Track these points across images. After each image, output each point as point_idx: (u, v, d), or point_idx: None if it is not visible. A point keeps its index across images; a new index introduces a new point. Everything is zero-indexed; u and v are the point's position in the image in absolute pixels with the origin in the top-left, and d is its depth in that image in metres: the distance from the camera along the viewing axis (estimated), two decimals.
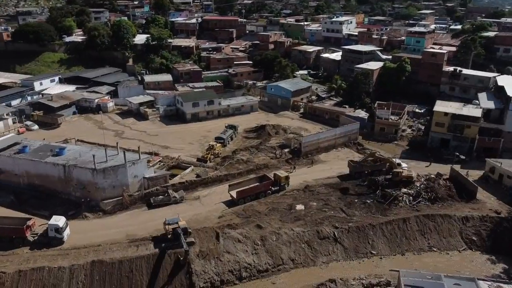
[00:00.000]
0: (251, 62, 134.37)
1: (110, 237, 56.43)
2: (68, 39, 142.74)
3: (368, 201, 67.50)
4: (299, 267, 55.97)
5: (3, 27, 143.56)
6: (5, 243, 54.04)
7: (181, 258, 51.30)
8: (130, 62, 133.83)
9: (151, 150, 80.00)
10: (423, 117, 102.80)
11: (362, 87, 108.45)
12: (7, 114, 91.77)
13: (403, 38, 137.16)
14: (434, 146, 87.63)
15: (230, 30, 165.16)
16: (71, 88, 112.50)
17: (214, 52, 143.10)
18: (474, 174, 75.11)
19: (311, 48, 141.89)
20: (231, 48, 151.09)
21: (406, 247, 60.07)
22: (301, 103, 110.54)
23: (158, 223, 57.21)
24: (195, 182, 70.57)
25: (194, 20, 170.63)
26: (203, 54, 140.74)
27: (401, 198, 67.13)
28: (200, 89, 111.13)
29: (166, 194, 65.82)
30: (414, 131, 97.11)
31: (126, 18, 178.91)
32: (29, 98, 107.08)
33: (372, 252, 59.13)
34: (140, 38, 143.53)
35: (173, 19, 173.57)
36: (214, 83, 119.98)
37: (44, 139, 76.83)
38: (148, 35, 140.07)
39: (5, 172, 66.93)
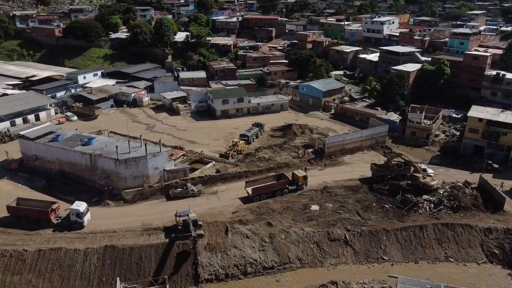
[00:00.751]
0: (287, 61, 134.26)
1: (127, 224, 59.19)
2: (113, 35, 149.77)
3: (387, 206, 65.95)
4: (306, 267, 55.83)
5: (56, 24, 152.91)
6: (32, 224, 58.29)
7: (190, 246, 52.81)
8: (169, 58, 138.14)
9: (176, 144, 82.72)
10: (459, 123, 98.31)
11: (396, 89, 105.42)
12: (50, 105, 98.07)
13: (447, 39, 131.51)
14: (467, 153, 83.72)
15: (270, 29, 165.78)
16: (111, 82, 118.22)
17: (251, 51, 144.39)
18: (507, 185, 71.09)
19: (348, 48, 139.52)
20: (268, 47, 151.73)
21: (421, 255, 58.10)
22: (332, 104, 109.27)
23: (174, 215, 59.10)
24: (214, 177, 72.14)
25: (234, 19, 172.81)
26: (240, 52, 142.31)
27: (421, 204, 64.97)
28: (232, 87, 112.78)
29: (184, 187, 67.85)
30: (448, 137, 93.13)
31: (171, 16, 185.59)
32: (72, 90, 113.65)
33: (384, 257, 57.76)
34: (181, 36, 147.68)
35: (214, 18, 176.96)
36: (247, 81, 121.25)
37: (76, 129, 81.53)
38: (188, 33, 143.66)
39: (40, 159, 71.91)
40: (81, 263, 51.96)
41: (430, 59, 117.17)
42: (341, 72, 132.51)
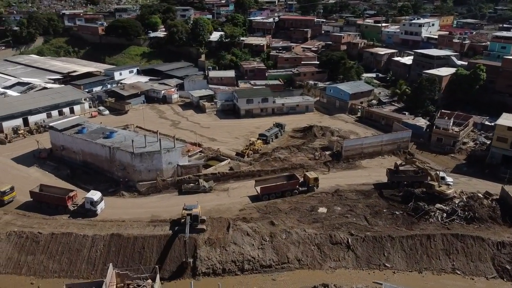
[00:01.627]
0: (318, 62, 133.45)
1: (137, 215, 61.97)
2: (152, 34, 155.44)
3: (397, 213, 64.52)
4: (304, 268, 55.87)
5: (99, 22, 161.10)
6: (51, 209, 62.48)
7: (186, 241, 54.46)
8: (203, 57, 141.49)
9: (195, 141, 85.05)
10: (492, 131, 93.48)
11: (426, 94, 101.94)
12: (84, 99, 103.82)
13: (488, 43, 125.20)
14: (494, 163, 79.65)
15: (305, 29, 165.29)
16: (144, 79, 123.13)
17: (283, 51, 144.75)
18: None
19: (383, 51, 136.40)
20: (302, 47, 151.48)
21: (426, 265, 56.36)
22: (359, 107, 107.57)
23: (178, 208, 61.04)
24: (227, 175, 73.64)
25: (271, 19, 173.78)
26: (273, 53, 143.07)
27: (433, 213, 62.95)
28: (259, 87, 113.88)
29: (196, 183, 69.82)
30: (477, 145, 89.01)
31: (210, 16, 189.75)
32: (108, 86, 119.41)
33: (386, 264, 56.61)
34: (216, 36, 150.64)
35: (252, 18, 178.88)
36: (276, 82, 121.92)
37: (101, 122, 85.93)
38: (222, 33, 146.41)
39: (66, 149, 76.68)
40: (88, 249, 55.18)
41: (466, 63, 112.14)
42: (373, 75, 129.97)
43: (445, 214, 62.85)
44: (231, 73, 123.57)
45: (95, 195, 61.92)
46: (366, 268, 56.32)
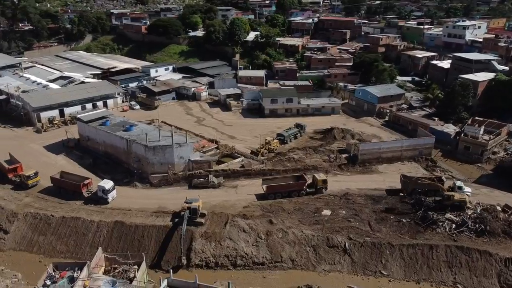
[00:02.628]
0: (351, 64, 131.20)
1: (145, 205, 64.77)
2: (192, 33, 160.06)
3: (404, 220, 62.52)
4: (297, 269, 55.80)
5: (144, 22, 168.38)
6: (68, 195, 66.92)
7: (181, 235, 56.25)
8: (237, 57, 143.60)
9: (213, 138, 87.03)
10: None
11: (459, 100, 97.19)
12: (118, 94, 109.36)
13: None
14: None
15: (344, 31, 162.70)
16: (178, 76, 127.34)
17: (318, 52, 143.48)
18: None
19: (421, 54, 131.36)
20: (338, 49, 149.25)
21: (425, 276, 54.30)
22: (387, 110, 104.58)
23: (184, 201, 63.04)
24: (237, 172, 74.78)
25: (310, 20, 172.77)
26: (307, 53, 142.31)
27: (441, 223, 60.35)
28: (287, 87, 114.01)
29: (206, 178, 71.63)
30: (509, 155, 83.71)
31: (252, 16, 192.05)
32: (144, 82, 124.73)
33: (383, 272, 55.15)
34: (253, 35, 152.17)
35: (291, 19, 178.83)
36: (305, 83, 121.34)
37: (124, 116, 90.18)
38: (257, 33, 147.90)
39: (91, 140, 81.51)
40: (93, 233, 58.67)
41: (508, 68, 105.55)
42: (409, 78, 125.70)
43: (454, 225, 60.06)
44: (260, 73, 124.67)
45: (107, 184, 65.49)
46: (361, 274, 55.24)
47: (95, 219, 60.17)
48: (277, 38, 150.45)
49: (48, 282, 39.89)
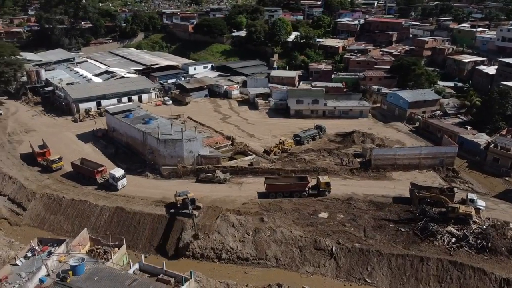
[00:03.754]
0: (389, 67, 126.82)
1: (150, 195, 68.24)
2: (236, 33, 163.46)
3: (403, 230, 60.27)
4: (281, 268, 55.99)
5: (192, 21, 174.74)
6: (85, 180, 72.37)
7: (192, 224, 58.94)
8: (275, 57, 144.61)
9: (232, 135, 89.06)
10: None
11: (496, 108, 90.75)
12: (153, 89, 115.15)
13: None
14: None
15: (390, 33, 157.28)
16: (213, 74, 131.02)
17: (359, 54, 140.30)
18: None
19: (467, 58, 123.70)
20: (381, 51, 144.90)
21: None
22: (418, 117, 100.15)
23: (197, 194, 65.15)
24: (245, 169, 76.03)
25: (356, 21, 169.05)
26: (347, 55, 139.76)
27: (440, 236, 57.36)
28: (316, 88, 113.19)
29: (213, 173, 73.77)
30: None
31: (301, 17, 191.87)
32: (182, 79, 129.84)
33: (367, 280, 53.69)
34: (294, 36, 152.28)
35: (337, 20, 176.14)
36: (339, 85, 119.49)
37: (147, 110, 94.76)
38: (297, 33, 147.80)
39: (115, 131, 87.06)
40: (96, 217, 63.09)
41: None
42: (451, 84, 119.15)
43: (454, 239, 56.82)
44: (292, 73, 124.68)
45: (117, 172, 69.92)
46: (345, 280, 54.20)
47: (100, 203, 64.67)
48: (318, 39, 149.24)
49: (29, 254, 44.11)
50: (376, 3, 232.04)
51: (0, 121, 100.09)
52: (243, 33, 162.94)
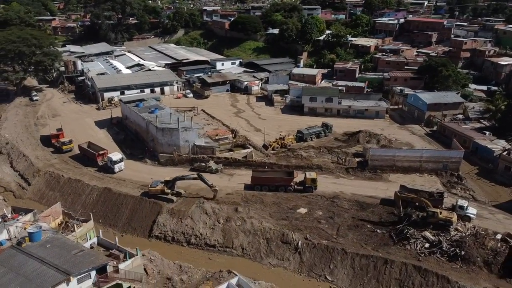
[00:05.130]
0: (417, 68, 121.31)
1: (143, 179, 71.54)
2: (270, 31, 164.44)
3: (379, 231, 58.44)
4: (245, 258, 56.62)
5: (230, 18, 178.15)
6: (89, 162, 77.46)
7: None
8: (304, 55, 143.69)
9: (235, 128, 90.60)
10: None
11: None
12: (176, 82, 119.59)
13: None
14: None
15: (430, 33, 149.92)
16: (239, 70, 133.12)
17: (391, 54, 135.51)
18: None
19: (506, 61, 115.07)
20: (417, 52, 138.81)
21: None
22: (437, 119, 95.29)
23: (184, 182, 67.76)
24: (238, 161, 77.22)
25: (394, 21, 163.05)
26: (378, 55, 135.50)
27: (414, 240, 54.90)
28: (335, 87, 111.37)
29: (206, 163, 75.76)
30: None
31: (343, 16, 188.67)
32: (209, 73, 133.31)
33: (328, 277, 52.77)
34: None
35: (377, 19, 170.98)
36: (360, 84, 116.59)
37: (159, 100, 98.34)
38: (329, 32, 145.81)
39: (127, 119, 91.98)
40: (86, 195, 67.55)
41: None
42: (484, 88, 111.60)
43: (428, 244, 54.10)
44: (313, 71, 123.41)
45: (115, 156, 74.21)
46: (305, 275, 53.72)
47: (91, 183, 69.11)
48: (351, 38, 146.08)
49: (0, 221, 48.79)
50: (426, 3, 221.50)
51: (34, 105, 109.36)
52: (276, 31, 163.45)
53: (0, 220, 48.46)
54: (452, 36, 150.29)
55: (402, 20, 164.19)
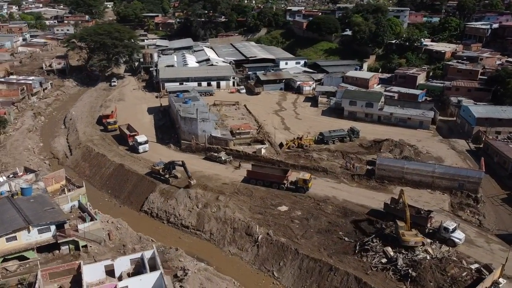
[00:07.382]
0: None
1: (157, 160, 79.19)
2: (346, 32, 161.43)
3: (346, 239, 57.07)
4: (211, 242, 60.05)
5: (309, 19, 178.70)
6: (124, 141, 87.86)
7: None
8: (372, 58, 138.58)
9: (261, 124, 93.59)
10: None
11: None
12: (233, 77, 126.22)
13: None
14: None
15: None
16: (298, 70, 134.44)
17: (467, 62, 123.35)
18: None
19: None
20: (507, 61, 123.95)
21: None
22: (490, 137, 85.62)
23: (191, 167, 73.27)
24: (248, 155, 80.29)
25: (487, 26, 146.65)
26: (453, 62, 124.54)
27: (372, 253, 52.56)
28: (392, 94, 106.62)
29: (218, 153, 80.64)
30: None
31: (438, 19, 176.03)
32: (271, 71, 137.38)
33: (275, 274, 53.61)
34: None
35: (470, 23, 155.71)
36: (416, 91, 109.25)
37: (198, 92, 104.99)
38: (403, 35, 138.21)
39: (170, 107, 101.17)
40: (105, 169, 77.51)
41: None
42: None
43: (384, 260, 51.30)
44: (367, 75, 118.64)
45: (140, 138, 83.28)
46: (257, 268, 55.34)
47: (111, 159, 78.94)
48: (425, 42, 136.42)
49: (11, 176, 60.05)
50: None
51: (110, 90, 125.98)
52: (350, 32, 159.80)
53: (10, 175, 59.79)
54: None
55: (495, 25, 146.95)
